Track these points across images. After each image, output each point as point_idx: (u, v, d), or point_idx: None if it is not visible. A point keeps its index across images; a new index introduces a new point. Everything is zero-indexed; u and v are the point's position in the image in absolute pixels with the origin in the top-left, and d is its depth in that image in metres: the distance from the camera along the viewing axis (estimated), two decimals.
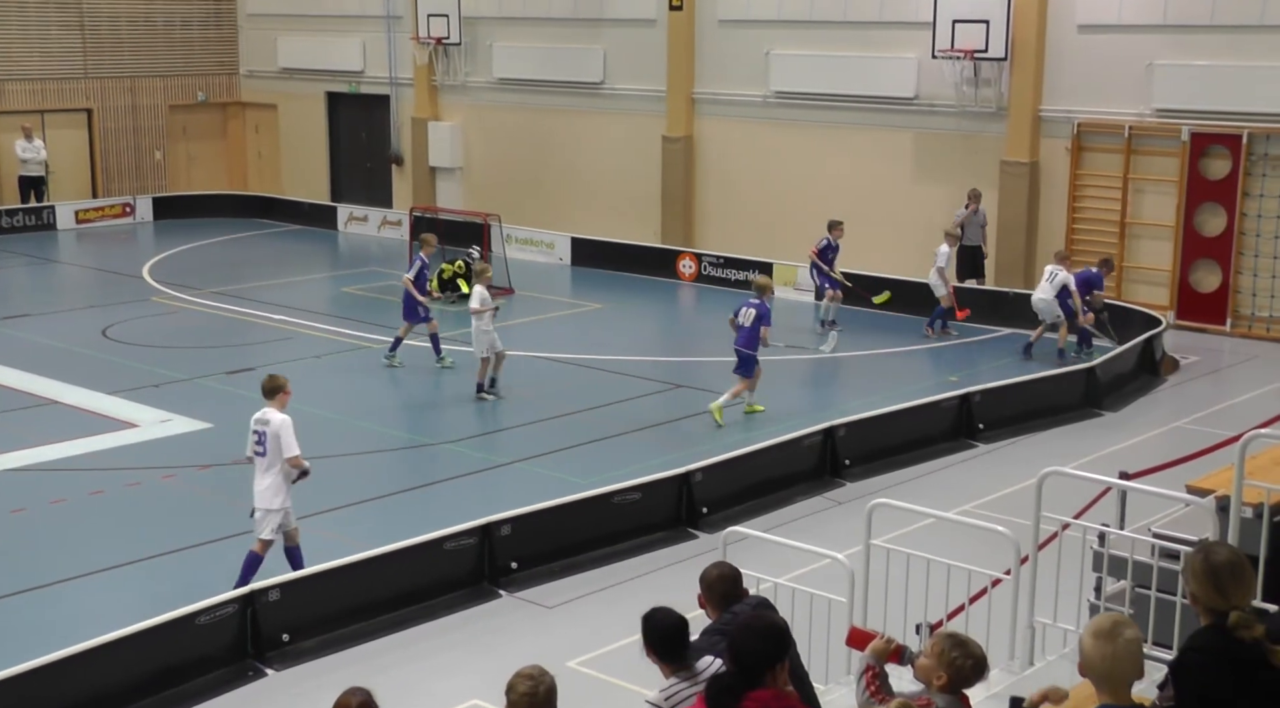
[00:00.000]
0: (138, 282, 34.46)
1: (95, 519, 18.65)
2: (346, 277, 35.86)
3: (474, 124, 40.66)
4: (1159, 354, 25.88)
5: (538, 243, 37.72)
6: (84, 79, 43.70)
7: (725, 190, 35.50)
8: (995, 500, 18.41)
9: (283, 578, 14.99)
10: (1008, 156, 30.95)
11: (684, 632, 8.42)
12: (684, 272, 34.99)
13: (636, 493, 17.98)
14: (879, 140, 32.88)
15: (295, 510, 16.08)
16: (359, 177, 44.46)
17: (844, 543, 13.22)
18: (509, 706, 7.88)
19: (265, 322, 29.64)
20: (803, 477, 19.91)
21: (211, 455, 21.04)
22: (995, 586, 11.75)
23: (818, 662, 11.20)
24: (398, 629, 15.40)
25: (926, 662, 7.74)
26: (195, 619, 14.16)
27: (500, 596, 16.25)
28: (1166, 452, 18.61)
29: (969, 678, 7.66)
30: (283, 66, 45.42)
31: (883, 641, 8.20)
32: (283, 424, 15.79)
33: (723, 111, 35.46)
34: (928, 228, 31.45)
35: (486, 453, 21.26)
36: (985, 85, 31.02)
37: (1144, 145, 29.62)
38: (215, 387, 24.79)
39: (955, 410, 22.09)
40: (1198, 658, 6.83)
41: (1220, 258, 28.94)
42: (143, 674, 13.74)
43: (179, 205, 44.76)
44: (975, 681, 7.71)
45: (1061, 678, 9.99)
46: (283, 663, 14.62)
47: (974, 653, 7.68)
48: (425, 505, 18.88)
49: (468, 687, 13.84)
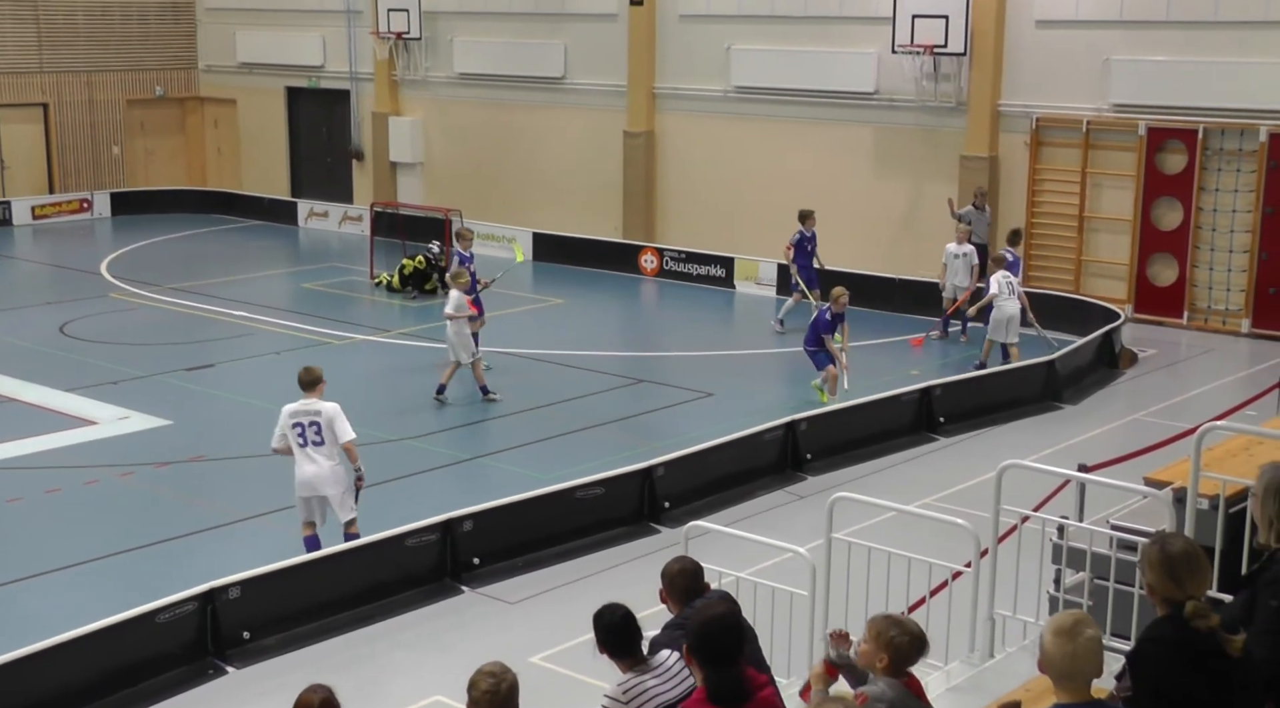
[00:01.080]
0: (96, 278, 34.31)
1: (53, 518, 18.57)
2: (307, 272, 35.76)
3: (435, 119, 40.58)
4: (1117, 347, 26.00)
5: (499, 238, 37.66)
6: (40, 73, 43.41)
7: (686, 185, 35.51)
8: (955, 494, 18.47)
9: (243, 575, 14.93)
10: (967, 151, 31.02)
11: (631, 625, 8.42)
12: (645, 266, 35.00)
13: (599, 488, 17.99)
14: (839, 135, 32.92)
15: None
16: (319, 172, 44.34)
17: (805, 537, 13.27)
18: (471, 703, 7.87)
19: (225, 318, 29.54)
20: (764, 471, 19.93)
21: (170, 453, 20.98)
22: (956, 578, 11.79)
23: (779, 656, 11.22)
24: (359, 626, 15.37)
25: (866, 647, 7.76)
26: (155, 617, 14.11)
27: (463, 592, 16.24)
28: (1124, 444, 18.74)
29: (909, 656, 7.67)
30: (242, 61, 45.24)
31: (819, 667, 8.17)
32: (335, 411, 15.96)
33: (684, 106, 35.47)
34: (888, 223, 31.55)
35: (448, 449, 21.24)
36: (945, 80, 31.10)
37: (1102, 140, 29.74)
38: (174, 383, 24.70)
39: (916, 404, 22.15)
40: (1154, 649, 6.87)
41: (1177, 252, 29.07)
42: (103, 673, 13.68)
43: (137, 201, 44.57)
44: (916, 657, 7.72)
45: (1021, 670, 10.05)
46: (243, 661, 14.58)
47: (910, 629, 7.69)
48: (387, 502, 18.78)
49: (430, 684, 13.84)
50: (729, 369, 25.70)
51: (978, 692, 10.03)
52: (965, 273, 27.37)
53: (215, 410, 23.44)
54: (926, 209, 31.39)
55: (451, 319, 23.19)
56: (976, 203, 29.25)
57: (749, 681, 7.37)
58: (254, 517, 18.26)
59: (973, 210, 29.18)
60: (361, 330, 28.27)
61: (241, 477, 20.19)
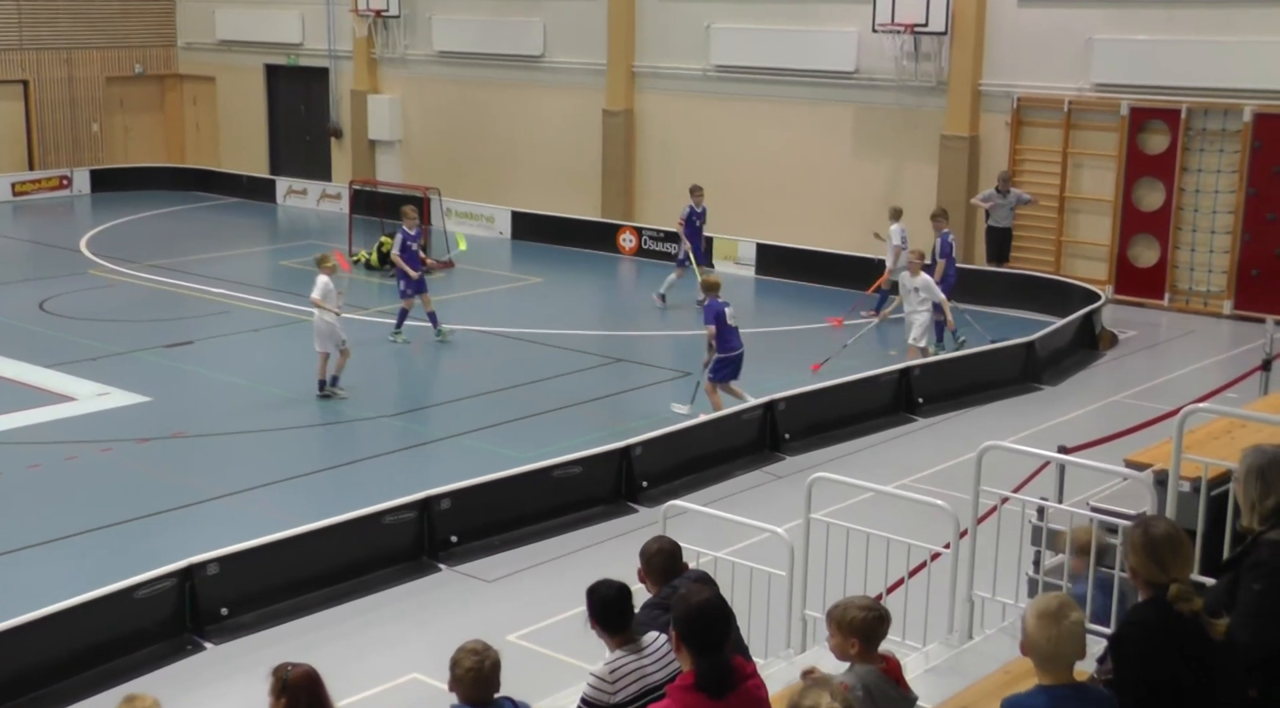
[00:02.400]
0: (75, 255, 34.21)
1: (32, 493, 18.51)
2: (285, 250, 35.70)
3: (414, 97, 40.48)
4: (1098, 329, 26.01)
5: (478, 216, 37.62)
6: (19, 50, 43.22)
7: (666, 164, 35.44)
8: (935, 474, 18.48)
9: (222, 551, 14.90)
10: (948, 131, 31.02)
11: (627, 600, 8.39)
12: (624, 245, 34.96)
13: (577, 467, 17.98)
14: (819, 114, 32.88)
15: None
16: (298, 150, 44.22)
17: (784, 517, 13.24)
18: (454, 681, 7.86)
19: (203, 295, 29.46)
20: (743, 451, 19.93)
21: (150, 429, 20.93)
22: (934, 559, 11.78)
23: (757, 636, 11.22)
24: (337, 603, 15.36)
25: (833, 640, 7.75)
26: (134, 593, 14.09)
27: (440, 570, 16.22)
28: (1105, 426, 18.73)
29: (875, 630, 7.66)
30: (221, 39, 45.09)
31: None
32: None
33: (663, 85, 35.40)
34: (867, 202, 31.51)
35: (425, 427, 21.21)
36: (925, 59, 31.07)
37: (1083, 120, 29.73)
38: (153, 360, 24.63)
39: (895, 385, 22.15)
40: (1137, 632, 6.86)
41: (1158, 233, 29.08)
42: (80, 648, 13.66)
43: (117, 178, 44.44)
44: (883, 630, 7.71)
45: (1000, 652, 10.05)
46: (221, 637, 14.56)
47: (863, 604, 7.71)
48: (363, 480, 18.80)
49: (408, 661, 13.82)
50: (695, 347, 25.64)
51: (956, 674, 10.02)
52: (891, 252, 27.50)
53: (194, 387, 23.38)
54: (906, 189, 31.38)
55: (319, 307, 22.25)
56: (1000, 187, 29.13)
57: (737, 669, 7.35)
58: (233, 493, 18.23)
59: (995, 194, 29.12)
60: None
61: (221, 453, 20.16)
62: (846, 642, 7.65)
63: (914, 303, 23.23)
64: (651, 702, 7.65)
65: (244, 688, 12.93)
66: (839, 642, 7.70)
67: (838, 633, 7.69)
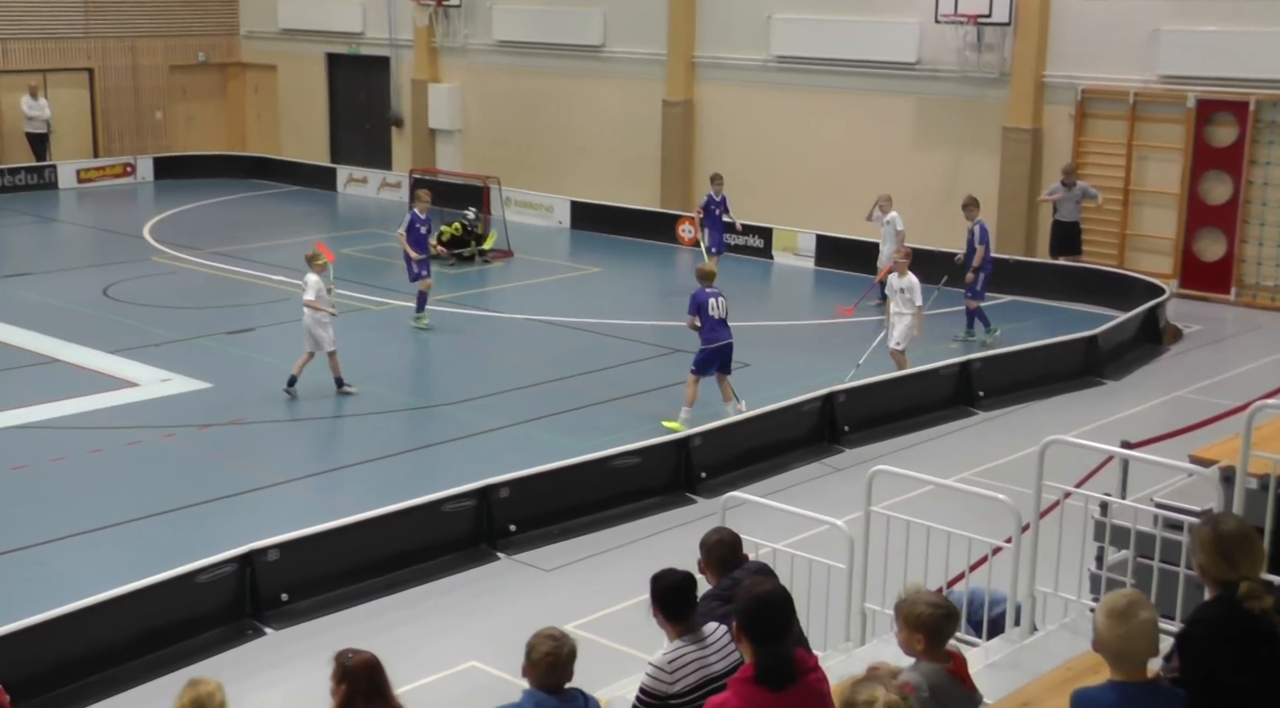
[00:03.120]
0: (138, 241, 34.41)
1: (95, 478, 18.64)
2: (345, 238, 35.72)
3: (474, 86, 40.52)
4: (1162, 323, 25.81)
5: (537, 206, 37.64)
6: (85, 39, 43.55)
7: (725, 155, 35.33)
8: (995, 468, 18.38)
9: (282, 538, 14.96)
10: (1010, 123, 30.82)
11: (691, 589, 8.36)
12: (683, 236, 34.88)
13: (635, 457, 17.97)
14: (880, 106, 32.75)
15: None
16: (358, 138, 44.34)
17: (842, 509, 13.19)
18: (529, 665, 7.89)
19: (264, 282, 29.57)
20: (801, 443, 19.89)
21: (211, 415, 21.04)
22: (996, 554, 11.71)
23: (816, 628, 11.18)
24: (395, 590, 15.41)
25: (900, 634, 7.68)
26: (195, 578, 14.18)
27: (498, 558, 16.25)
28: (1168, 421, 18.59)
29: (943, 626, 7.57)
30: (283, 27, 45.24)
31: None
32: None
33: (723, 76, 35.33)
34: (927, 194, 31.37)
35: (485, 416, 21.21)
36: (988, 50, 30.88)
37: (1149, 112, 29.49)
38: (215, 347, 24.77)
39: (955, 377, 22.04)
40: (1204, 630, 6.79)
41: (1225, 226, 28.83)
42: (142, 632, 13.75)
43: (179, 166, 44.67)
44: (950, 628, 7.63)
45: (1061, 648, 9.98)
46: (281, 622, 14.63)
47: (931, 600, 7.62)
48: (422, 468, 18.85)
49: (465, 648, 13.85)
50: (766, 340, 25.60)
51: (1017, 669, 9.95)
52: (893, 240, 27.24)
53: (255, 373, 23.48)
54: (967, 181, 31.21)
55: (310, 307, 21.90)
56: (1065, 181, 28.88)
57: (798, 662, 7.31)
58: (294, 480, 18.33)
59: (1060, 187, 28.89)
60: (399, 296, 28.22)
61: (282, 440, 20.27)
62: (912, 637, 7.59)
63: (900, 303, 22.55)
64: (712, 693, 7.63)
65: (304, 673, 12.97)
66: (905, 637, 7.64)
67: (904, 628, 7.62)
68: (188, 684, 7.64)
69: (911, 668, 7.55)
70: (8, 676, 11.02)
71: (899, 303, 22.57)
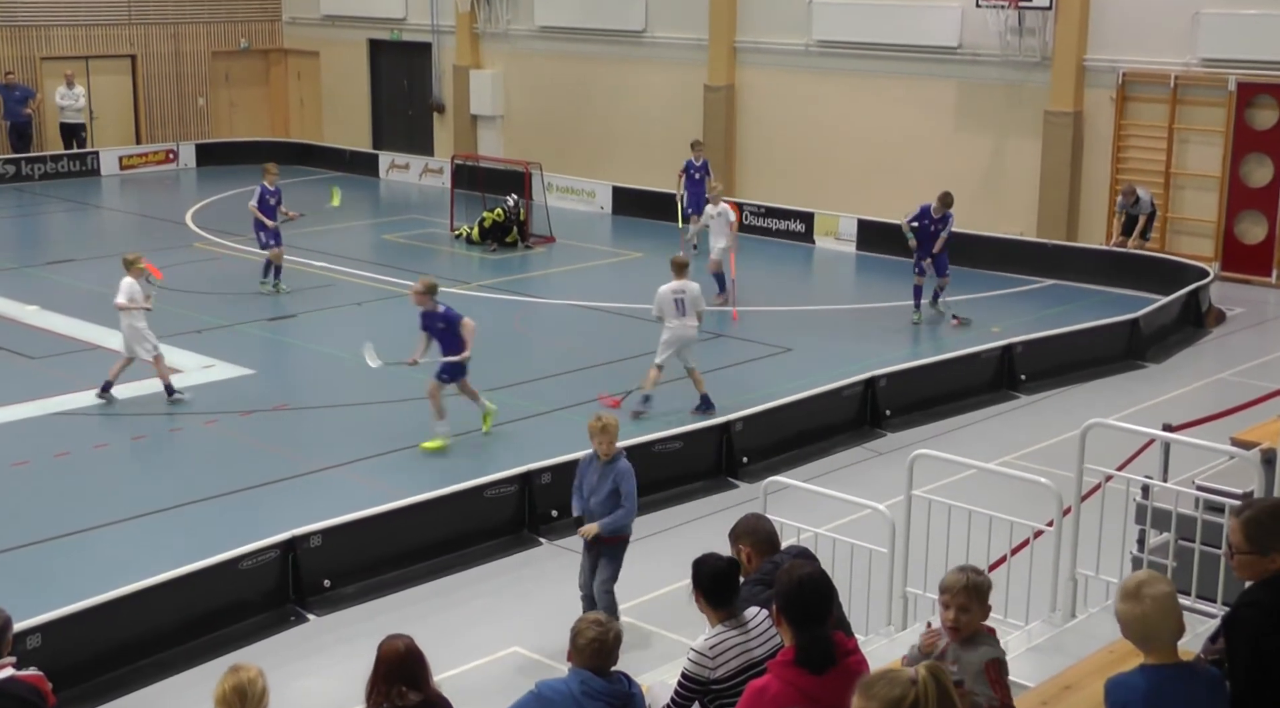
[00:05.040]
0: (181, 228, 34.55)
1: (138, 464, 18.79)
2: (388, 224, 35.87)
3: (515, 72, 40.56)
4: (1205, 306, 25.72)
5: (579, 191, 37.66)
6: (128, 25, 43.77)
7: (767, 140, 35.36)
8: (1037, 452, 18.37)
9: (325, 524, 15.04)
10: (1051, 107, 30.72)
11: (734, 576, 8.37)
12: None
13: (677, 442, 18.01)
14: (921, 90, 32.67)
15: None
16: (400, 124, 44.45)
17: (884, 494, 13.21)
18: (575, 650, 7.96)
19: (306, 269, 29.64)
20: (843, 427, 19.91)
21: (254, 402, 21.14)
22: (1037, 537, 11.71)
23: (858, 612, 11.20)
24: (438, 576, 15.49)
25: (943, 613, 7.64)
26: (238, 564, 14.28)
27: (540, 544, 16.31)
28: (1210, 404, 18.51)
29: (973, 596, 7.51)
30: (325, 14, 45.35)
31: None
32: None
33: (765, 60, 35.28)
34: (970, 178, 31.29)
35: (526, 401, 21.25)
36: (1029, 34, 30.78)
37: (1189, 95, 29.37)
38: (257, 333, 24.89)
39: (997, 361, 22.02)
40: (1252, 613, 6.77)
41: (1267, 209, 28.70)
42: (185, 618, 13.86)
43: (222, 152, 44.81)
44: (980, 599, 7.54)
45: (1103, 630, 9.97)
46: (323, 609, 14.72)
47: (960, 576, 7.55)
48: (465, 454, 18.90)
49: (508, 634, 13.90)
50: (808, 324, 25.61)
51: (1059, 652, 9.97)
52: (724, 233, 27.01)
53: (298, 360, 23.62)
54: (1009, 165, 31.18)
55: (124, 310, 20.88)
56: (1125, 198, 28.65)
57: (838, 645, 7.33)
58: (336, 466, 18.39)
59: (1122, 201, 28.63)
60: (442, 282, 28.10)
61: (324, 426, 20.34)
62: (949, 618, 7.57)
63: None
64: (754, 678, 7.65)
65: (345, 660, 13.04)
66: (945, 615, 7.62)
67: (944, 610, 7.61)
68: (229, 671, 7.69)
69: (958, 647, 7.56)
70: (53, 663, 11.09)
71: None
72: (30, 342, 24.28)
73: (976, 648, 7.47)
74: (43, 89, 42.07)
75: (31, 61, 42.26)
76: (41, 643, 12.52)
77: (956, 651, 7.52)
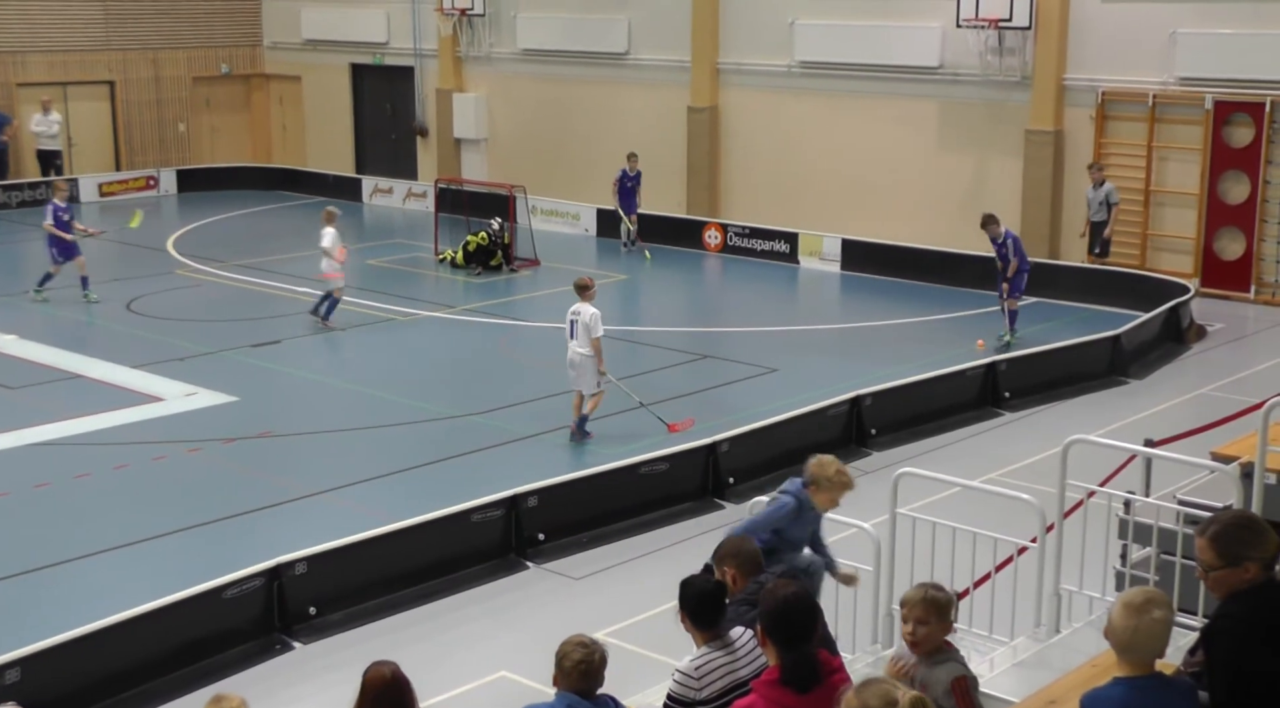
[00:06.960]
0: (162, 255, 34.51)
1: (121, 493, 18.72)
2: (371, 249, 35.84)
3: (499, 95, 40.63)
4: (1186, 322, 25.82)
5: (563, 214, 37.70)
6: (106, 51, 43.69)
7: (750, 160, 35.44)
8: (1021, 468, 18.40)
9: (310, 551, 15.03)
10: (1032, 126, 30.84)
11: (720, 597, 8.40)
12: (709, 242, 34.93)
13: (663, 463, 18.01)
14: (903, 110, 32.78)
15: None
16: (384, 148, 44.48)
17: (870, 512, 13.21)
18: (561, 674, 7.95)
19: (290, 294, 29.65)
20: (829, 446, 19.78)
21: (237, 429, 21.10)
22: (1021, 553, 11.75)
23: (844, 631, 11.23)
24: (425, 602, 15.46)
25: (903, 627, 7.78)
26: (222, 593, 14.22)
27: (528, 567, 16.30)
28: (1191, 419, 18.61)
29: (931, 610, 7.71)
30: (306, 38, 45.41)
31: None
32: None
33: (747, 82, 35.37)
34: (951, 197, 31.41)
35: (512, 425, 21.27)
36: (1009, 54, 30.90)
37: (1168, 114, 29.50)
38: (240, 360, 24.84)
39: (981, 379, 22.07)
40: (1230, 625, 6.81)
41: (1244, 225, 28.84)
42: (170, 648, 13.80)
43: (203, 178, 44.74)
44: (939, 614, 7.73)
45: (1087, 645, 10.01)
46: (310, 636, 14.69)
47: (919, 591, 7.80)
48: (451, 478, 18.90)
49: (496, 658, 13.89)
50: (793, 345, 25.64)
51: (1043, 667, 10.00)
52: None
53: (281, 386, 23.58)
54: (990, 184, 31.28)
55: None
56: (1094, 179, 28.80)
57: (823, 663, 7.36)
58: (321, 493, 18.37)
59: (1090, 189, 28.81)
60: (426, 306, 28.36)
61: (308, 453, 20.32)
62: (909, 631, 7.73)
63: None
64: (738, 697, 7.67)
65: (332, 687, 13.00)
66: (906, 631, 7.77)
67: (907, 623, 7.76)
68: (211, 700, 7.67)
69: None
70: (36, 696, 11.07)
71: None
72: (8, 371, 24.19)
73: (942, 665, 7.57)
74: (19, 116, 41.92)
75: (7, 88, 42.07)
76: (20, 677, 12.47)
77: (923, 673, 7.61)
